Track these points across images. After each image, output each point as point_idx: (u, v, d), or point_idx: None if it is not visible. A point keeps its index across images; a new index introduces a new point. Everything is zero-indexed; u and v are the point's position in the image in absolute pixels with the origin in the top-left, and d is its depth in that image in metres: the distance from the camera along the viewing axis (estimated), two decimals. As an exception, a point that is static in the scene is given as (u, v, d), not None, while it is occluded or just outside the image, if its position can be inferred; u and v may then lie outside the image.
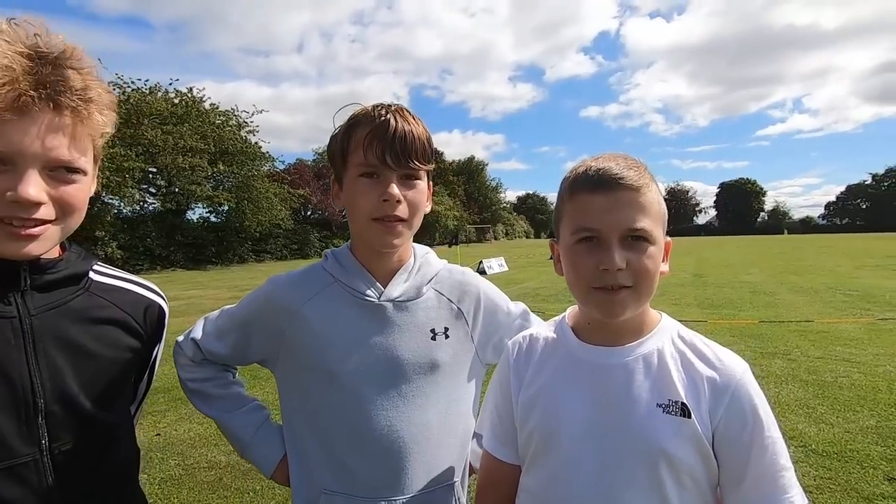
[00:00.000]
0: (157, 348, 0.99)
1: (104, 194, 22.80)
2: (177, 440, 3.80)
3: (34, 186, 0.70)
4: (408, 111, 0.97)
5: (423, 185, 0.99)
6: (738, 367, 0.81)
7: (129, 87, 26.67)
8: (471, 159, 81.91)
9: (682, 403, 0.78)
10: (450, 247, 19.39)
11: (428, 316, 1.02)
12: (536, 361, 0.91)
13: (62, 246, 0.86)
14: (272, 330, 1.02)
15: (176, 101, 27.92)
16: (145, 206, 27.43)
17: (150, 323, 0.94)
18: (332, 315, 0.99)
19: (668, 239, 0.86)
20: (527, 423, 0.88)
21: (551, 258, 0.91)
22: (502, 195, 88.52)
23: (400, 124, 0.93)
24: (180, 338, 1.13)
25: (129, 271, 0.97)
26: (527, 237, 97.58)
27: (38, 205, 0.71)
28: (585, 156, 0.87)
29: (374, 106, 0.96)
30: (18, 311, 0.76)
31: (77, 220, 0.79)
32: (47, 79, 0.70)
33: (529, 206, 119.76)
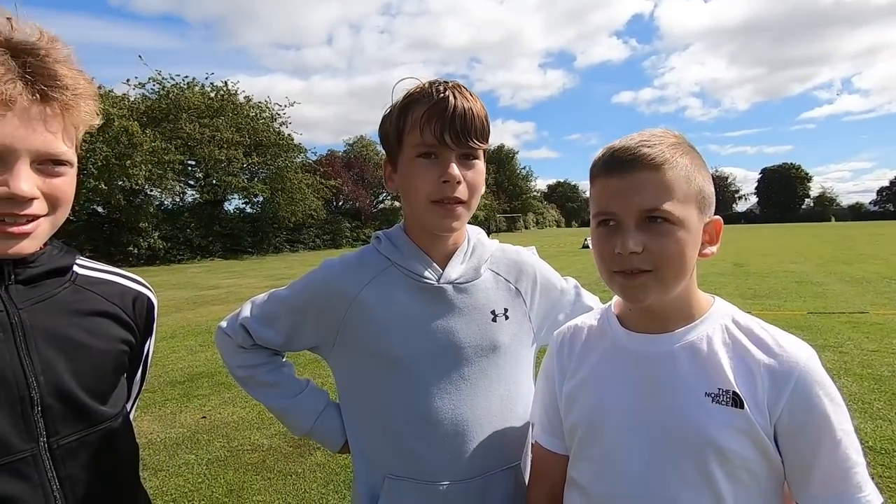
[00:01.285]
0: (148, 342, 0.96)
1: (147, 187, 23.73)
2: (221, 423, 3.93)
3: (26, 181, 0.68)
4: (465, 88, 0.93)
5: (481, 164, 0.96)
6: (801, 353, 0.75)
7: (168, 82, 27.52)
8: (500, 148, 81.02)
9: (734, 393, 0.74)
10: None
11: (487, 297, 1.00)
12: (580, 352, 0.90)
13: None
14: (329, 316, 1.00)
15: (212, 94, 28.63)
16: (184, 197, 28.43)
17: (140, 315, 0.92)
18: (391, 299, 0.97)
19: (716, 217, 0.81)
20: (570, 415, 0.87)
21: (584, 247, 0.88)
22: (532, 184, 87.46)
23: (459, 101, 0.89)
24: (224, 323, 1.09)
25: (170, 262, 0.97)
26: (557, 226, 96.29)
27: (31, 200, 0.70)
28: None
29: (430, 82, 0.93)
30: (5, 306, 0.74)
31: (65, 213, 0.78)
32: (32, 70, 0.68)
33: (560, 195, 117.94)
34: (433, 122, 0.89)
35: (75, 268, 0.86)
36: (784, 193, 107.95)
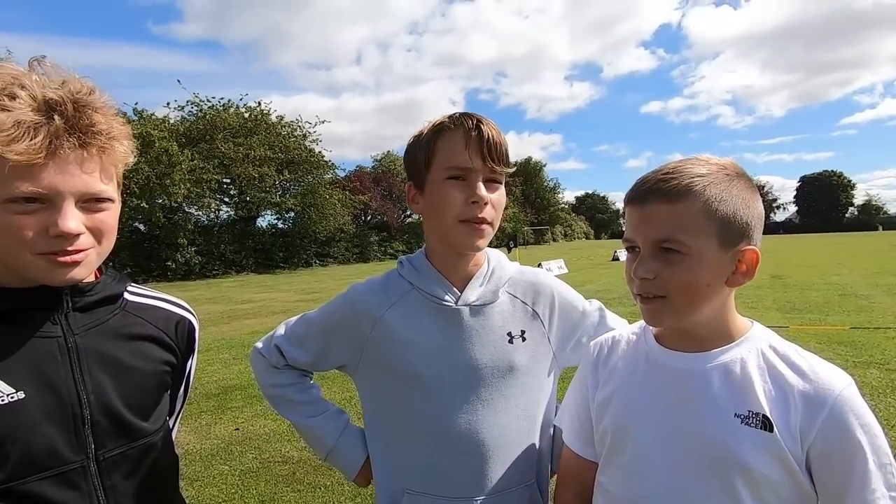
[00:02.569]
0: (190, 361, 1.04)
1: (185, 205, 24.74)
2: (254, 435, 4.04)
3: (72, 220, 0.76)
4: (488, 119, 1.00)
5: (503, 189, 1.02)
6: (838, 381, 0.76)
7: (205, 104, 28.77)
8: (528, 160, 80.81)
9: (764, 416, 0.75)
10: (509, 250, 19.32)
11: (504, 319, 1.04)
12: (615, 362, 0.93)
13: (98, 270, 0.92)
14: (355, 336, 1.06)
15: (246, 115, 29.76)
16: (219, 213, 29.46)
17: (182, 337, 1.00)
18: (414, 321, 1.02)
19: (752, 247, 0.79)
20: (601, 422, 0.90)
21: (614, 259, 0.92)
22: (560, 195, 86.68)
23: (487, 130, 0.97)
24: (259, 344, 1.16)
25: (206, 276, 1.04)
26: (586, 238, 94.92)
27: (77, 235, 0.78)
28: (648, 153, 0.90)
29: (458, 114, 1.00)
30: (63, 331, 0.83)
31: (110, 242, 0.86)
32: (75, 123, 0.77)
33: (589, 206, 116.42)
34: (467, 147, 0.96)
35: (126, 294, 0.95)
36: (826, 202, 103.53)
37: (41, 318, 0.82)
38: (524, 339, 1.04)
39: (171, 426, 1.02)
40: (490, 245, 1.06)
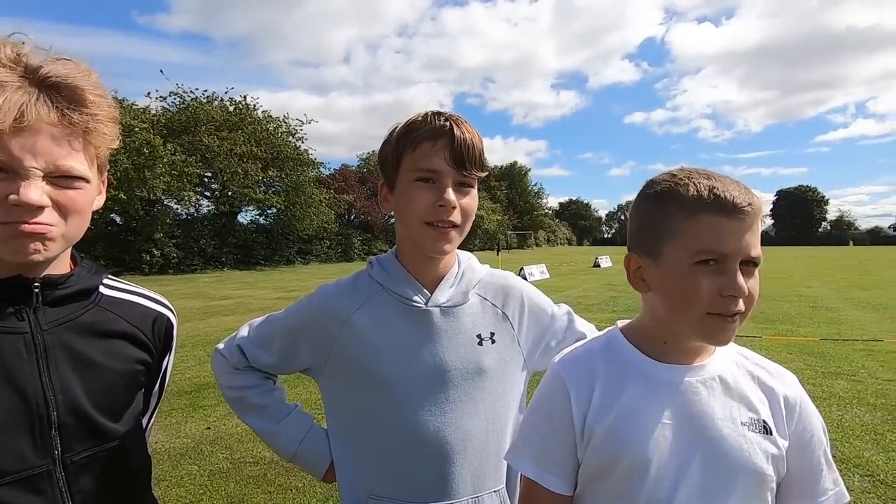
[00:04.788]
0: (166, 359, 1.00)
1: (163, 198, 24.24)
2: (225, 434, 3.96)
3: (35, 190, 0.72)
4: (464, 119, 0.97)
5: (475, 192, 1.00)
6: (795, 379, 0.86)
7: (188, 96, 28.27)
8: (513, 164, 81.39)
9: (764, 421, 0.80)
10: (498, 253, 19.52)
11: (474, 321, 1.02)
12: (603, 384, 0.85)
13: (73, 260, 0.88)
14: (322, 338, 1.03)
15: (231, 108, 29.32)
16: (200, 208, 28.95)
17: (159, 335, 0.95)
18: (382, 323, 1.00)
19: None
20: (601, 452, 0.82)
21: (595, 266, 0.90)
22: (544, 201, 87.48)
23: (459, 132, 0.94)
24: (221, 345, 1.12)
25: (183, 271, 1.00)
26: (569, 243, 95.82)
27: (40, 208, 0.73)
28: (631, 162, 0.86)
29: (433, 112, 0.97)
30: (31, 327, 0.78)
31: (78, 225, 0.80)
32: (51, 95, 0.73)
33: (572, 213, 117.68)
34: (434, 149, 0.93)
35: (101, 288, 0.90)
36: (800, 216, 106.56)
37: (7, 313, 0.77)
38: (493, 342, 1.02)
39: (144, 426, 0.98)
40: (474, 248, 1.04)
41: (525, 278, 15.85)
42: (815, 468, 0.82)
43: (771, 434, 0.79)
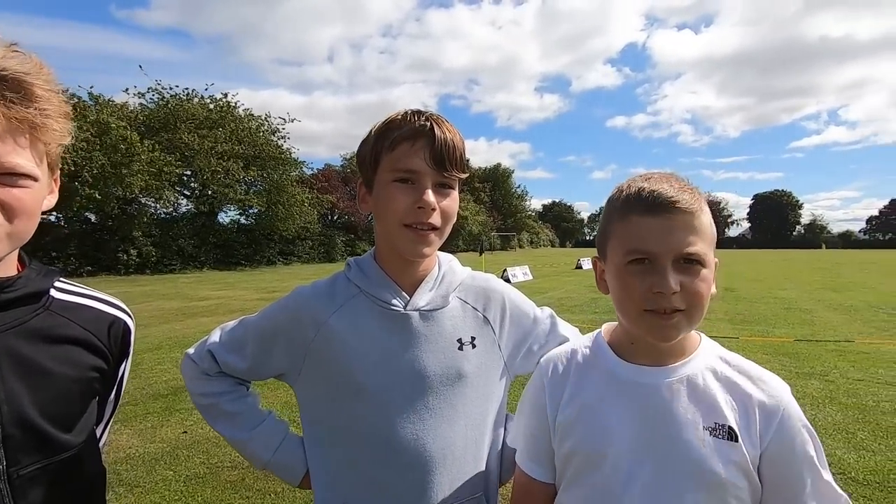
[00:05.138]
0: (123, 366, 0.95)
1: (141, 196, 23.70)
2: (202, 438, 3.87)
3: None
4: (445, 119, 0.95)
5: (455, 194, 0.98)
6: (784, 388, 0.83)
7: (167, 92, 27.71)
8: (497, 166, 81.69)
9: (729, 427, 0.79)
10: (481, 254, 19.56)
11: (454, 325, 1.00)
12: (573, 381, 0.90)
13: (22, 262, 0.84)
14: (298, 342, 1.00)
15: (211, 106, 28.84)
16: (178, 207, 28.39)
17: (115, 340, 0.90)
18: (359, 326, 0.97)
19: (716, 259, 0.85)
20: (566, 443, 0.87)
21: (577, 267, 0.90)
22: (527, 203, 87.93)
23: (439, 131, 0.92)
24: (191, 350, 1.08)
25: (161, 271, 0.96)
26: (552, 245, 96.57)
27: None
28: (613, 165, 0.86)
29: (411, 112, 0.95)
30: None
31: (25, 225, 0.76)
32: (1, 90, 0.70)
33: (555, 215, 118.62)
34: (414, 149, 0.91)
35: (53, 291, 0.85)
36: (776, 219, 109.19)
37: None
38: (474, 346, 1.01)
39: (98, 436, 0.94)
40: (458, 250, 1.02)
41: (508, 280, 15.95)
42: (793, 483, 0.78)
43: (736, 441, 0.78)
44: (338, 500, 0.98)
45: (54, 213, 20.33)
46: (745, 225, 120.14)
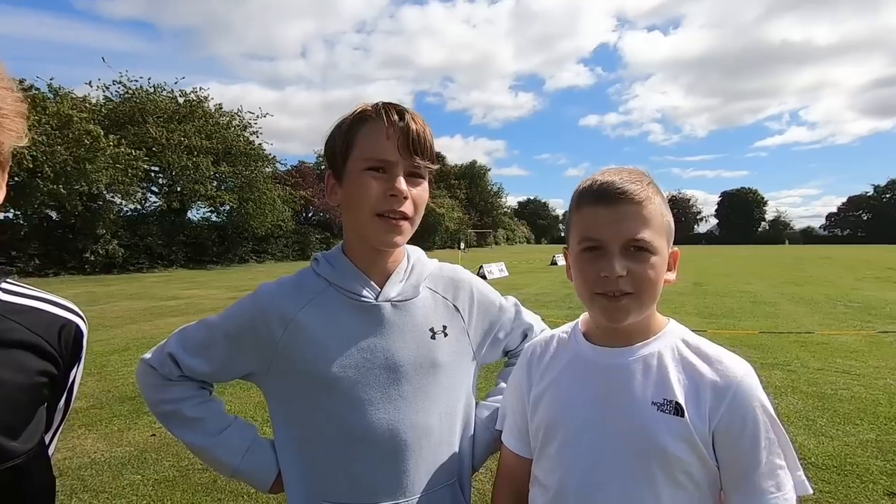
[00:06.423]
0: (74, 371, 0.90)
1: (106, 192, 22.85)
2: (172, 441, 3.77)
3: None
4: (415, 112, 0.96)
5: (426, 184, 0.98)
6: (739, 368, 0.84)
7: (133, 84, 26.81)
8: (473, 164, 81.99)
9: (676, 402, 0.82)
10: (465, 250, 19.63)
11: (426, 315, 1.01)
12: (548, 361, 0.97)
13: None
14: (265, 341, 0.97)
15: (180, 100, 28.03)
16: (147, 204, 27.52)
17: (66, 344, 0.86)
18: (330, 320, 0.96)
19: (676, 249, 0.90)
20: (535, 417, 0.95)
21: (552, 264, 0.92)
22: (503, 200, 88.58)
23: (411, 122, 0.93)
24: (148, 354, 1.03)
25: (129, 270, 0.92)
26: (528, 242, 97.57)
27: None
28: (586, 164, 0.89)
29: (383, 103, 0.95)
30: None
31: None
32: None
33: (531, 212, 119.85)
34: (387, 139, 0.92)
35: (0, 294, 0.81)
36: (742, 216, 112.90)
37: None
38: (446, 335, 1.02)
39: (47, 443, 0.89)
40: (434, 247, 1.03)
41: (484, 277, 16.05)
42: (742, 460, 0.81)
43: (683, 416, 0.81)
44: (314, 498, 0.96)
45: (12, 209, 19.43)
46: (714, 221, 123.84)
